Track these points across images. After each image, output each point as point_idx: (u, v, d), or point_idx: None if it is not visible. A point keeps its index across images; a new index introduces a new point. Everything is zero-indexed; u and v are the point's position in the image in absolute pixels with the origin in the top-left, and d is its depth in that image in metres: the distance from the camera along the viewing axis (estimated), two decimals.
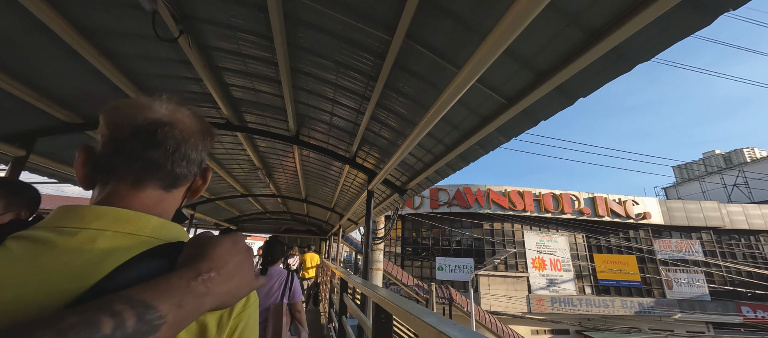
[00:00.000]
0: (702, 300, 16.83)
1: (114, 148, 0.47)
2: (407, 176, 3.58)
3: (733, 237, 18.09)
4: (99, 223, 0.41)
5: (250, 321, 0.49)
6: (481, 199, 16.51)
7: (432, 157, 2.81)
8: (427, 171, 3.02)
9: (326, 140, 3.64)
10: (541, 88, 1.63)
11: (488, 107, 2.04)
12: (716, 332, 16.77)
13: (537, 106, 1.84)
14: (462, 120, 2.27)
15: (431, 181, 3.26)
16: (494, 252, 16.48)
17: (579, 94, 1.68)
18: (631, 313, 16.24)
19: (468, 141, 2.28)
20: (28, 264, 0.36)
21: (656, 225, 17.51)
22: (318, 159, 4.47)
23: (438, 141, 2.64)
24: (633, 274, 17.06)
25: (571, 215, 16.66)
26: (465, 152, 2.50)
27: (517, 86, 1.80)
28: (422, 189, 3.60)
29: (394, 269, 14.02)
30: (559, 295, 16.31)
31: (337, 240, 8.71)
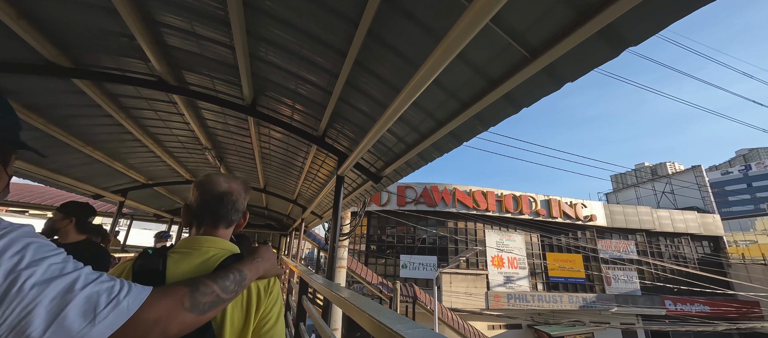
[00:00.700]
0: (634, 295, 18.66)
1: (203, 207, 0.90)
2: (383, 161, 3.14)
3: (661, 239, 20.36)
4: (207, 244, 0.86)
5: (277, 289, 0.93)
6: (447, 198, 16.66)
7: (417, 135, 2.39)
8: (408, 154, 2.60)
9: (290, 115, 3.07)
10: (529, 67, 1.33)
11: (469, 91, 1.69)
12: (644, 323, 18.74)
13: (521, 89, 1.55)
14: (438, 105, 1.92)
15: (412, 167, 2.86)
16: (457, 251, 16.74)
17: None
18: (576, 308, 17.48)
19: (456, 120, 1.91)
20: (189, 261, 0.80)
21: (600, 227, 19.07)
22: (280, 140, 3.86)
23: (426, 115, 2.23)
24: (579, 272, 18.41)
25: (528, 216, 17.49)
26: (456, 130, 2.11)
27: (500, 69, 1.47)
28: (399, 176, 3.18)
29: (359, 267, 13.56)
30: (515, 292, 17.04)
31: (299, 236, 8.02)
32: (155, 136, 4.07)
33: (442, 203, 16.62)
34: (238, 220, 0.95)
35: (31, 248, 0.46)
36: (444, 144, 2.26)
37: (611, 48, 1.12)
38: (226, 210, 0.90)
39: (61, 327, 0.43)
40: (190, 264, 0.78)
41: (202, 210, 0.89)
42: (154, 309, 0.54)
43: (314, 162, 4.07)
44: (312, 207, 5.82)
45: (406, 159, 2.66)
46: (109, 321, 0.47)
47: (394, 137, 2.58)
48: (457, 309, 15.61)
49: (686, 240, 20.63)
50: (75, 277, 0.48)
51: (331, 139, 3.19)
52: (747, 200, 55.85)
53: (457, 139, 2.12)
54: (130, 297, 0.51)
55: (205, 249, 0.83)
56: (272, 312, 0.86)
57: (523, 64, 1.35)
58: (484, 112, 1.73)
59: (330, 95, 2.41)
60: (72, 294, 0.46)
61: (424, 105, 1.99)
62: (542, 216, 17.68)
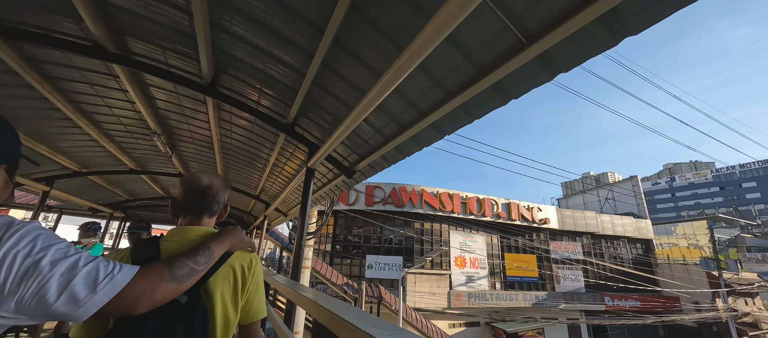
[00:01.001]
0: (579, 292, 20.33)
1: (188, 200, 1.04)
2: (357, 155, 2.97)
3: (603, 241, 22.44)
4: (194, 233, 0.99)
5: (258, 269, 1.08)
6: (415, 199, 16.85)
7: (397, 127, 2.27)
8: (385, 147, 2.47)
9: (256, 99, 2.78)
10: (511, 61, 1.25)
11: (457, 78, 1.61)
12: (587, 318, 20.49)
13: (513, 78, 1.50)
14: (422, 94, 1.81)
15: (388, 161, 2.72)
16: (423, 251, 16.98)
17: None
18: (529, 305, 18.61)
19: (440, 111, 1.81)
20: (180, 248, 0.91)
21: (552, 230, 20.53)
22: (243, 127, 3.51)
23: (408, 105, 2.11)
24: (533, 271, 19.64)
25: (490, 218, 18.29)
26: (439, 122, 2.02)
27: (493, 54, 1.42)
28: (374, 171, 3.04)
29: (323, 267, 13.17)
30: (475, 291, 17.70)
31: (261, 235, 7.52)
32: (91, 115, 3.49)
33: (409, 204, 16.77)
34: (219, 211, 1.12)
35: (40, 237, 0.60)
36: (425, 137, 2.16)
37: (612, 36, 1.08)
38: (208, 201, 1.05)
39: (70, 294, 0.58)
40: (176, 248, 0.91)
41: (187, 203, 1.04)
42: (141, 282, 0.69)
43: (282, 153, 3.77)
44: (276, 203, 5.46)
45: (383, 152, 2.53)
46: (107, 290, 0.63)
47: (372, 128, 2.43)
48: (421, 309, 15.82)
49: (623, 242, 22.96)
50: (77, 258, 0.62)
51: (301, 128, 2.95)
52: (671, 208, 64.02)
53: (438, 132, 2.03)
54: (122, 272, 0.67)
55: (191, 237, 0.97)
56: (257, 290, 1.06)
57: (517, 50, 1.28)
58: (470, 102, 1.65)
59: (303, 78, 2.20)
60: (76, 270, 0.60)
61: (406, 93, 1.87)
62: (503, 219, 18.59)
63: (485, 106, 1.64)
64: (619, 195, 27.00)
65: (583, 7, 1.02)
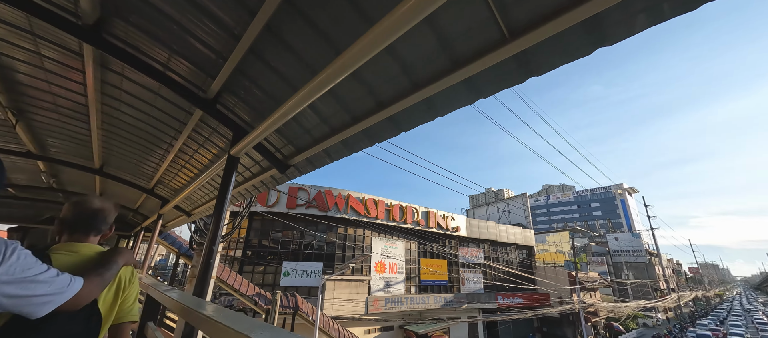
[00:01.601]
0: (478, 293, 23.00)
1: (78, 220, 1.29)
2: (294, 147, 2.59)
3: (499, 247, 26.04)
4: (83, 249, 1.26)
5: (136, 280, 1.41)
6: (341, 204, 16.48)
7: (348, 117, 2.01)
8: (329, 140, 2.19)
9: (165, 60, 2.15)
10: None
11: (428, 69, 1.51)
12: (483, 316, 23.30)
13: (487, 75, 1.49)
14: (386, 81, 1.66)
15: (331, 156, 2.43)
16: (344, 257, 16.66)
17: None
18: (439, 306, 20.11)
19: (401, 104, 1.67)
20: (69, 259, 1.20)
21: (462, 237, 22.83)
22: (139, 96, 2.71)
23: (367, 92, 1.89)
24: (443, 275, 21.39)
25: (411, 225, 19.22)
26: (399, 115, 1.86)
27: (472, 46, 1.36)
28: (312, 167, 2.69)
29: (231, 276, 11.57)
30: (392, 295, 18.21)
31: (151, 239, 6.08)
32: None
33: (334, 208, 16.31)
34: (105, 230, 1.38)
35: (22, 252, 0.91)
36: (379, 131, 1.97)
37: (590, 43, 1.10)
38: (98, 223, 1.33)
39: (44, 294, 0.92)
40: (70, 260, 1.19)
41: (77, 222, 1.29)
42: (88, 288, 1.06)
43: (194, 137, 3.06)
44: (178, 199, 4.47)
45: (327, 146, 2.24)
46: (67, 294, 0.98)
47: (317, 116, 2.12)
48: (338, 317, 15.40)
49: (514, 248, 27.08)
50: (45, 269, 0.95)
51: (225, 108, 2.42)
52: (546, 220, 79.32)
53: (396, 127, 1.87)
54: (75, 282, 1.02)
55: (83, 252, 1.25)
56: (131, 295, 1.36)
57: (498, 45, 1.22)
58: (438, 97, 1.54)
59: (237, 42, 1.77)
60: (49, 278, 0.94)
61: (367, 78, 1.66)
62: (421, 226, 19.75)
63: (452, 103, 1.55)
64: (512, 209, 31.92)
65: (574, 6, 1.01)
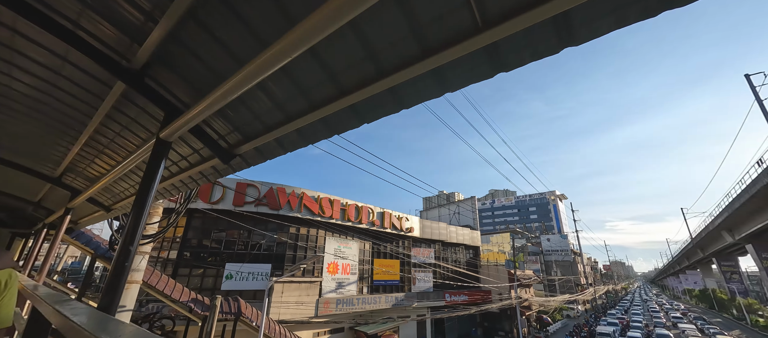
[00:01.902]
0: (428, 291, 23.79)
1: None
2: (241, 134, 2.30)
3: (449, 248, 27.27)
4: None
5: (14, 284, 2.06)
6: (294, 202, 15.74)
7: (306, 104, 1.82)
8: (283, 128, 1.97)
9: (75, 16, 1.74)
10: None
11: (396, 54, 1.42)
12: (432, 314, 24.17)
13: (456, 66, 1.44)
14: (349, 65, 1.53)
15: (284, 147, 2.20)
16: (295, 258, 15.95)
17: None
18: (390, 306, 20.33)
19: (365, 91, 1.55)
20: None
21: (415, 237, 23.41)
22: (39, 61, 2.17)
23: (327, 77, 1.72)
24: (395, 274, 21.70)
25: (366, 225, 19.13)
26: (361, 104, 1.73)
27: (444, 34, 1.32)
28: (261, 159, 2.42)
29: (162, 280, 10.29)
30: (344, 296, 17.93)
31: (56, 237, 5.05)
32: None
33: (287, 207, 15.52)
34: None
35: None
36: (339, 121, 1.82)
37: (559, 41, 1.10)
38: None
39: None
40: None
41: None
42: None
43: (116, 116, 2.56)
44: (93, 190, 3.76)
45: (280, 135, 2.01)
46: None
47: (270, 100, 1.89)
48: (286, 321, 14.66)
49: (462, 248, 28.58)
50: None
51: (156, 82, 2.05)
52: (491, 223, 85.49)
53: (357, 117, 1.74)
54: None
55: None
56: (9, 304, 1.49)
57: (470, 34, 1.16)
58: (404, 86, 1.45)
59: (171, 1, 1.48)
60: None
61: (327, 60, 1.50)
62: (377, 226, 19.79)
63: (419, 94, 1.47)
64: (462, 211, 33.72)
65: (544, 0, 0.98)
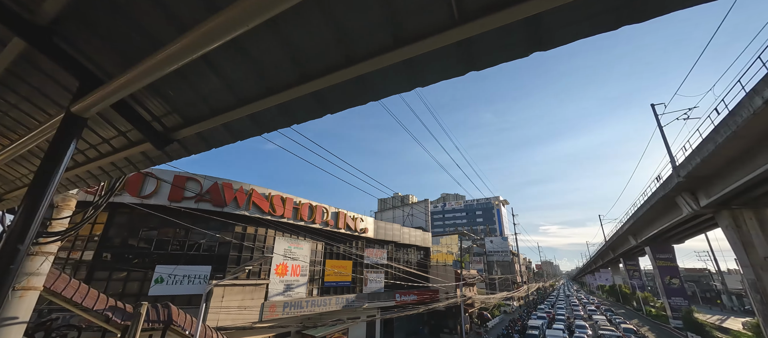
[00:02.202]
0: (379, 292, 23.97)
1: None
2: (181, 116, 1.99)
3: (401, 249, 27.82)
4: None
5: None
6: (241, 199, 14.62)
7: (261, 87, 1.62)
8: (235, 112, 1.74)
9: None
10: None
11: (369, 40, 1.33)
12: (382, 314, 24.39)
13: (428, 59, 1.41)
14: (313, 46, 1.41)
15: (233, 134, 1.95)
16: (240, 259, 14.83)
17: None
18: (340, 308, 20.01)
19: (331, 78, 1.44)
20: None
21: (369, 238, 23.42)
22: None
23: (290, 59, 1.55)
24: (347, 275, 21.45)
25: (319, 225, 18.58)
26: (326, 91, 1.59)
27: (418, 24, 1.28)
28: (204, 146, 2.13)
29: (71, 286, 8.74)
30: (292, 299, 17.17)
31: None
32: None
33: (233, 204, 14.36)
34: None
35: None
36: (299, 109, 1.66)
37: (529, 44, 1.11)
38: None
39: None
40: None
41: None
42: None
43: (13, 82, 2.03)
44: None
45: (230, 120, 1.78)
46: None
47: (219, 79, 1.65)
48: (225, 328, 13.51)
49: (414, 249, 29.37)
50: None
51: (68, 43, 1.66)
52: (441, 225, 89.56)
53: (321, 106, 1.60)
54: None
55: None
56: None
57: (446, 27, 1.12)
58: (376, 76, 1.36)
59: None
60: None
61: (292, 38, 1.34)
62: (331, 226, 19.34)
63: (390, 86, 1.39)
64: (416, 213, 34.70)
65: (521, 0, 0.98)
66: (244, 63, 1.51)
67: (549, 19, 1.07)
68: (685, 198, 19.07)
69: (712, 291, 59.14)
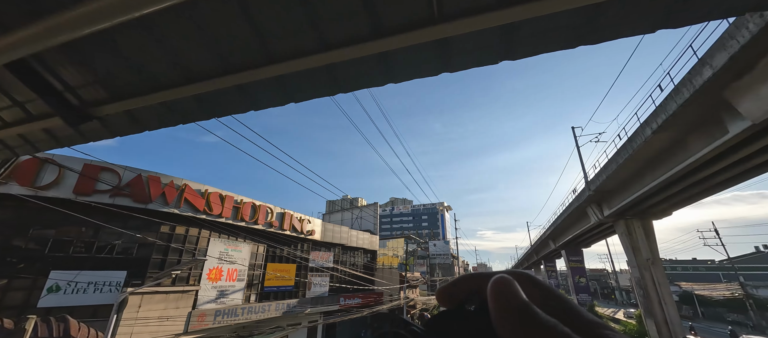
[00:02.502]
0: (322, 296, 23.35)
1: None
2: (105, 90, 1.65)
3: (348, 251, 27.54)
4: None
5: None
6: (171, 195, 12.95)
7: (215, 63, 1.43)
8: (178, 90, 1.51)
9: None
10: None
11: (343, 28, 1.30)
12: (324, 319, 23.74)
13: (404, 54, 1.41)
14: (279, 25, 1.33)
15: (175, 117, 1.69)
16: (165, 263, 13.11)
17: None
18: (280, 314, 18.98)
19: (302, 62, 1.34)
20: None
21: (316, 241, 22.70)
22: None
23: (256, 28, 1.40)
24: (290, 280, 20.47)
25: (263, 226, 17.40)
26: (295, 77, 1.47)
27: (398, 16, 1.29)
28: (136, 127, 1.80)
29: None
30: (226, 307, 15.76)
31: None
32: None
33: (160, 200, 12.64)
34: None
35: None
36: (259, 93, 1.50)
37: (500, 51, 1.17)
38: None
39: None
40: None
41: None
42: None
43: None
44: None
45: (172, 98, 1.53)
46: None
47: (159, 47, 1.41)
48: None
49: (361, 252, 29.32)
50: None
51: None
52: (389, 228, 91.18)
53: (284, 93, 1.47)
54: None
55: None
56: None
57: (425, 23, 1.12)
58: (348, 67, 1.30)
59: None
60: None
61: (255, 13, 1.21)
62: (275, 228, 18.27)
63: (361, 79, 1.34)
64: (365, 216, 34.75)
65: (507, 6, 1.03)
66: (195, 32, 1.32)
67: (521, 30, 1.14)
68: (593, 208, 22.44)
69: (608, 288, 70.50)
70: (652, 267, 19.76)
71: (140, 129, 1.79)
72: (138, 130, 1.82)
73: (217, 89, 1.46)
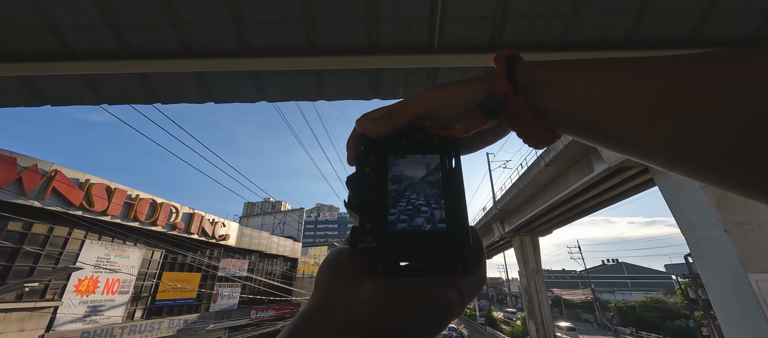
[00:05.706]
0: (231, 309, 21.00)
1: None
2: None
3: (266, 259, 25.54)
4: None
5: None
6: (32, 182, 10.03)
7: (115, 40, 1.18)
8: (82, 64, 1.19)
9: None
10: None
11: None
12: (230, 335, 21.25)
13: None
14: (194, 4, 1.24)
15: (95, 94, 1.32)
16: (10, 271, 10.03)
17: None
18: (175, 332, 16.34)
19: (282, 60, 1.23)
20: None
21: (229, 247, 20.42)
22: None
23: None
24: (191, 291, 17.83)
25: (163, 228, 14.86)
26: (264, 75, 1.32)
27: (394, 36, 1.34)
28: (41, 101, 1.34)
29: None
30: (98, 326, 12.87)
31: None
32: None
33: (14, 187, 9.69)
34: None
35: None
36: (171, 88, 1.30)
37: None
38: None
39: None
40: None
41: None
42: None
43: None
44: None
45: (41, 73, 1.20)
46: None
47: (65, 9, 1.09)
48: None
49: (281, 260, 27.52)
50: None
51: None
52: (312, 235, 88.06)
53: (203, 93, 1.30)
54: None
55: None
56: None
57: (423, 51, 1.15)
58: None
59: None
60: None
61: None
62: (179, 230, 15.81)
63: (345, 91, 1.30)
64: (289, 221, 32.85)
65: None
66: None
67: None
68: (497, 225, 25.83)
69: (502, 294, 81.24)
70: (535, 276, 23.62)
71: (43, 102, 1.35)
72: (41, 102, 1.37)
73: (117, 73, 1.21)
